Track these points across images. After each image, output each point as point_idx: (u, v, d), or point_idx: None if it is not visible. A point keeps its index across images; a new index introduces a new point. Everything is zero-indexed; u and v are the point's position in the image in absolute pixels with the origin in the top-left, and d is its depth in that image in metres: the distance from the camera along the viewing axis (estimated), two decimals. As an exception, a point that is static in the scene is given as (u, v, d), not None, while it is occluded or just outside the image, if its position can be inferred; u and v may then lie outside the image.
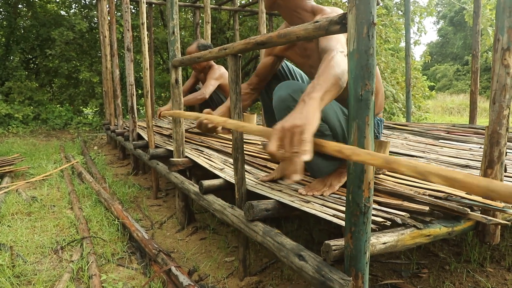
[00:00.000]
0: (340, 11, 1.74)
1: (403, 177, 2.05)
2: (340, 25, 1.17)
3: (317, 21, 1.26)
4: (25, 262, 2.18)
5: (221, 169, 2.50)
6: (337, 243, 1.28)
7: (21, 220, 2.86)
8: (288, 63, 2.27)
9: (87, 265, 2.10)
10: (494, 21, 1.48)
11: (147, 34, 5.58)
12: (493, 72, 1.48)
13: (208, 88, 4.16)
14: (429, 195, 1.68)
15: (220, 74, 4.28)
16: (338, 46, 1.52)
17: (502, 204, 1.53)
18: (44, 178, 4.18)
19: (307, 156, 1.04)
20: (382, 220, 1.43)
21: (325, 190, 1.86)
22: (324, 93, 1.23)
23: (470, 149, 3.00)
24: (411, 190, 1.81)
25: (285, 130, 1.08)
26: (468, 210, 1.53)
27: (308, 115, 1.12)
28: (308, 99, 1.18)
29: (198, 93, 4.14)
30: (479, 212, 1.58)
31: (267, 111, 2.25)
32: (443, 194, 1.70)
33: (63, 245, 2.43)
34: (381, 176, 2.06)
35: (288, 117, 1.13)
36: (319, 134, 1.75)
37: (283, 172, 2.12)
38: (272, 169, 2.41)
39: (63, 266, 2.16)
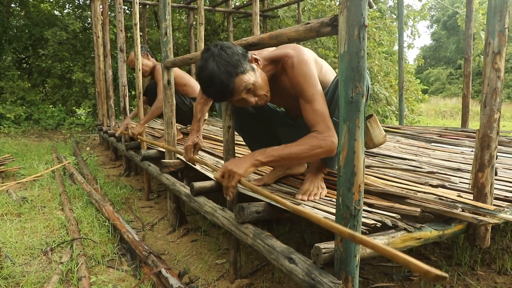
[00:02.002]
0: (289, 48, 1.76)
1: (394, 179, 2.05)
2: (331, 27, 1.17)
3: (308, 23, 1.26)
4: (14, 263, 2.16)
5: (212, 171, 2.49)
6: (327, 246, 1.27)
7: (10, 221, 2.84)
8: None
9: (76, 266, 2.08)
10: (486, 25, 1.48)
11: (140, 35, 5.56)
12: (484, 76, 1.48)
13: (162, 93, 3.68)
14: (420, 197, 1.68)
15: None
16: (325, 128, 1.62)
17: (493, 207, 1.53)
18: (35, 178, 4.14)
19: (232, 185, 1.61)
20: (373, 222, 1.42)
21: (321, 192, 1.86)
22: (270, 161, 1.63)
23: (462, 152, 3.02)
24: (402, 190, 1.81)
25: (226, 169, 1.61)
26: (459, 208, 1.53)
27: (243, 167, 1.59)
28: (254, 158, 1.62)
29: (158, 102, 3.76)
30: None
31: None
32: (435, 196, 1.70)
33: (53, 246, 2.41)
34: (372, 178, 2.06)
35: (234, 160, 1.64)
36: None
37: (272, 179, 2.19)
38: (264, 173, 2.40)
39: (52, 268, 2.14)
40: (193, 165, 2.27)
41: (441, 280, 0.83)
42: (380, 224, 1.44)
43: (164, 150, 3.00)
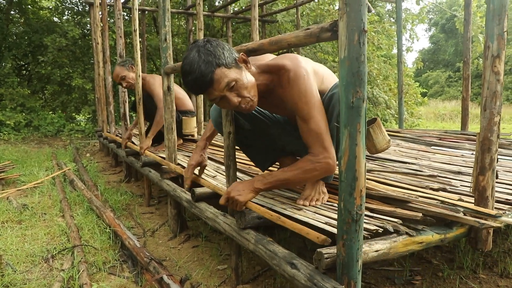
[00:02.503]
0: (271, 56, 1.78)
1: (395, 184, 2.05)
2: (331, 32, 1.17)
3: (308, 28, 1.26)
4: (15, 271, 2.15)
5: (213, 177, 2.49)
6: (329, 251, 1.27)
7: (11, 228, 2.83)
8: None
9: (78, 274, 2.07)
10: (485, 28, 1.49)
11: (140, 41, 5.58)
12: (484, 79, 1.48)
13: (162, 101, 3.45)
14: (422, 201, 1.68)
15: (160, 81, 3.86)
16: (320, 149, 1.60)
17: (494, 211, 1.53)
18: (36, 185, 4.14)
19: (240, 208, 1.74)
20: (375, 228, 1.42)
21: (322, 197, 1.85)
22: (268, 187, 1.73)
23: (462, 155, 3.02)
24: (404, 194, 1.81)
25: (229, 196, 1.73)
26: (461, 212, 1.53)
27: (244, 194, 1.70)
28: (254, 185, 1.71)
29: (160, 111, 3.68)
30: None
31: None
32: (436, 201, 1.70)
33: (54, 253, 2.40)
34: (373, 182, 2.06)
35: (236, 185, 1.75)
36: None
37: None
38: (265, 176, 2.40)
39: (53, 275, 2.13)
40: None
41: (326, 242, 1.29)
42: (382, 230, 1.44)
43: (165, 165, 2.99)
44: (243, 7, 8.80)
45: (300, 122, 1.64)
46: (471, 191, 1.74)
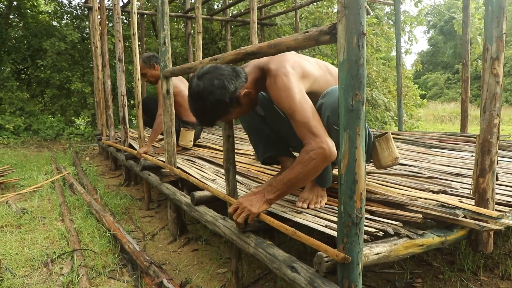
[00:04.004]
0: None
1: (395, 186, 2.05)
2: (330, 35, 1.17)
3: (307, 31, 1.26)
4: (14, 276, 2.15)
5: (213, 180, 2.49)
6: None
7: (10, 232, 2.82)
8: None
9: (77, 278, 2.07)
10: (483, 30, 1.49)
11: (139, 45, 5.58)
12: (483, 81, 1.48)
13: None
14: (422, 203, 1.67)
15: (181, 88, 3.84)
16: (311, 137, 1.56)
17: (496, 213, 1.53)
18: (35, 189, 4.13)
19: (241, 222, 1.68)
20: (375, 230, 1.42)
21: (320, 201, 1.84)
22: (278, 195, 1.67)
23: (461, 157, 3.01)
24: (403, 196, 1.81)
25: (241, 205, 1.69)
26: (461, 215, 1.52)
27: (258, 205, 1.66)
28: (266, 197, 1.67)
29: (158, 119, 3.68)
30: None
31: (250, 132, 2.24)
32: (436, 202, 1.70)
33: (54, 258, 2.39)
34: (373, 184, 2.06)
35: (249, 197, 1.71)
36: None
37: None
38: (264, 181, 2.40)
39: (53, 280, 2.12)
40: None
41: (346, 261, 1.19)
42: (382, 233, 1.43)
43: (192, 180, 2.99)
44: (242, 10, 8.81)
45: (290, 120, 1.65)
46: (471, 193, 1.73)
